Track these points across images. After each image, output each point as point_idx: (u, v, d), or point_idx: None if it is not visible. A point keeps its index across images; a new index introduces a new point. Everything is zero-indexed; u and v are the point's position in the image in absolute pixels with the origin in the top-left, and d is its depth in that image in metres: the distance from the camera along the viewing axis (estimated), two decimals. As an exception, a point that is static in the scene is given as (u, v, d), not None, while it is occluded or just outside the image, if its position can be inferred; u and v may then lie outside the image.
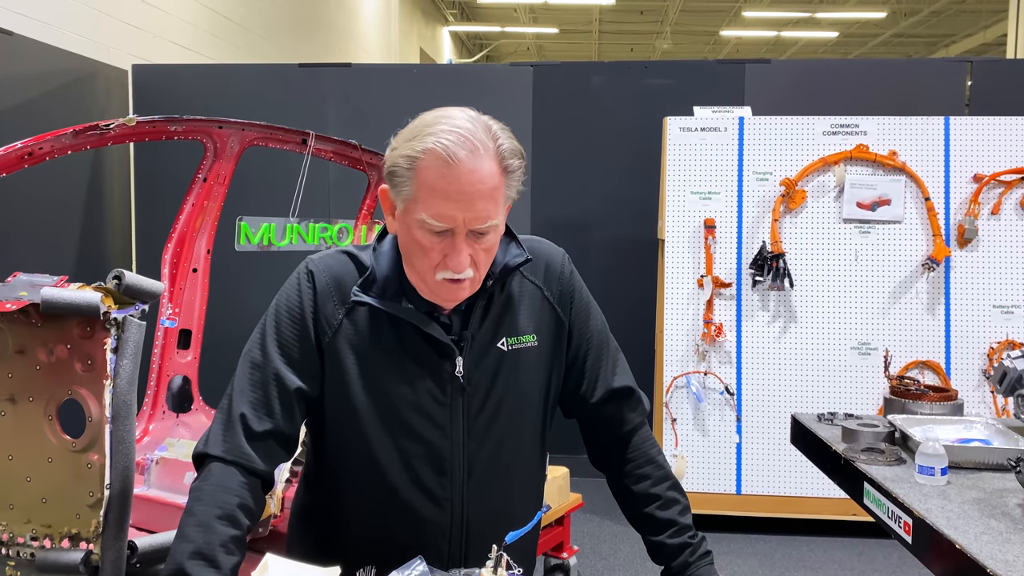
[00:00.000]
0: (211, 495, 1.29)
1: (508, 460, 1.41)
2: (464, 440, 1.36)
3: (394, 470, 1.35)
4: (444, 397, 1.35)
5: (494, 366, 1.38)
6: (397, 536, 1.36)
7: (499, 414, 1.39)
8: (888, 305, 4.05)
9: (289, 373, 1.34)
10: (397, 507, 1.35)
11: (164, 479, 2.65)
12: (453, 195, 1.23)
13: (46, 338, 1.64)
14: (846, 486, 2.20)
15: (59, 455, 1.66)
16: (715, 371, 4.13)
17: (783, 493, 4.10)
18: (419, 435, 1.35)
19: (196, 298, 3.27)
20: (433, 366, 1.35)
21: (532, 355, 1.42)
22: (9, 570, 1.72)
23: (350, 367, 1.34)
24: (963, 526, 1.67)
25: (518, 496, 1.44)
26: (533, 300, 1.43)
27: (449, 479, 1.35)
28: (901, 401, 2.43)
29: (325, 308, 1.35)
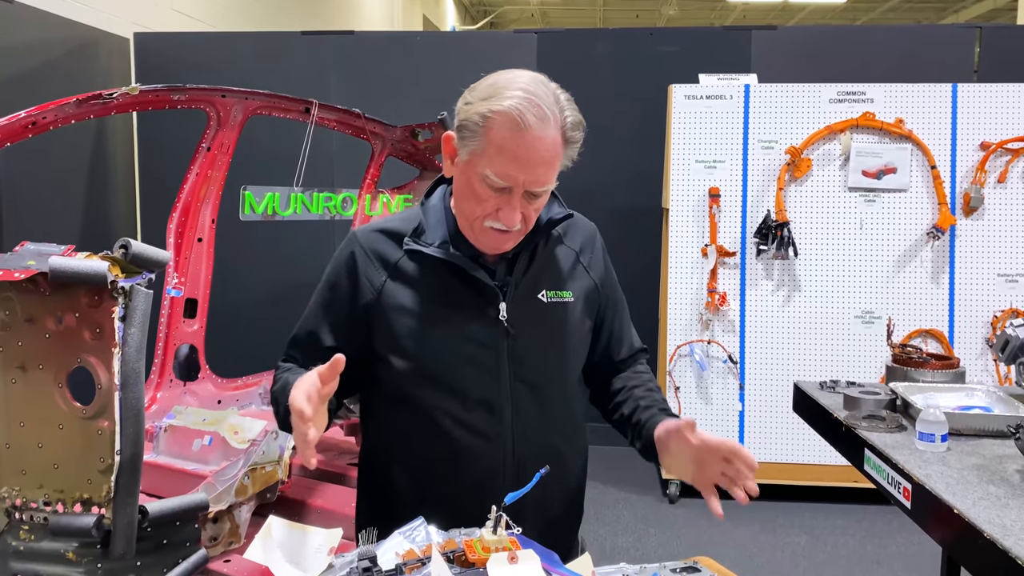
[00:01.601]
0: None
1: (553, 403, 1.49)
2: (510, 382, 1.44)
3: (445, 414, 1.42)
4: (490, 341, 1.43)
5: (536, 315, 1.47)
6: (455, 477, 1.43)
7: (542, 360, 1.47)
8: (892, 274, 4.05)
9: (330, 340, 1.45)
10: (451, 449, 1.42)
11: (172, 446, 2.68)
12: (519, 158, 1.32)
13: (54, 307, 1.66)
14: (847, 453, 2.22)
15: (70, 422, 1.68)
16: (718, 340, 4.14)
17: (785, 460, 4.13)
18: (467, 378, 1.42)
19: (201, 267, 3.28)
20: (479, 311, 1.43)
21: (568, 310, 1.51)
22: (23, 534, 1.75)
23: (397, 322, 1.42)
24: (962, 491, 1.69)
25: (563, 436, 1.52)
26: (569, 262, 1.55)
27: (498, 418, 1.43)
28: (903, 369, 2.44)
29: (367, 272, 1.45)
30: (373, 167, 3.79)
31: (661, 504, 4.22)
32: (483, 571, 1.07)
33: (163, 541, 1.79)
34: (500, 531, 1.19)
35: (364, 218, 3.75)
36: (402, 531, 1.26)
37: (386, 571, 1.13)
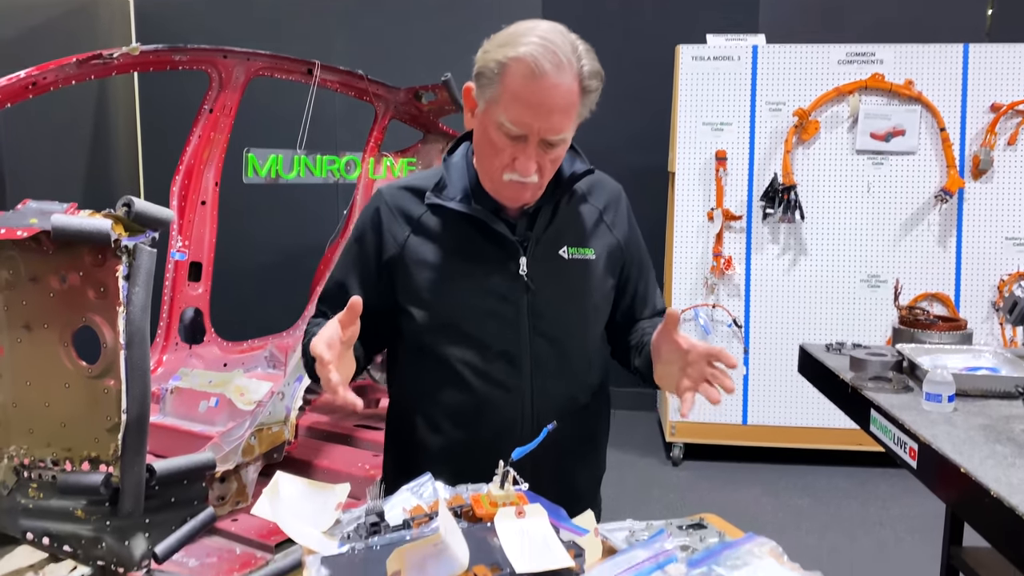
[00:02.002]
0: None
1: (573, 357, 1.50)
2: (530, 335, 1.45)
3: (465, 365, 1.44)
4: (510, 295, 1.44)
5: (556, 271, 1.47)
6: (475, 428, 1.45)
7: (560, 315, 1.48)
8: (899, 237, 4.02)
9: (357, 293, 1.44)
10: (471, 400, 1.44)
11: (179, 408, 2.69)
12: (533, 105, 1.31)
13: (58, 266, 1.65)
14: (853, 414, 2.22)
15: (76, 381, 1.68)
16: (723, 304, 4.13)
17: (788, 424, 4.14)
18: (487, 331, 1.44)
19: (205, 231, 3.27)
20: (499, 266, 1.44)
21: (589, 267, 1.51)
22: (32, 492, 1.76)
23: (419, 275, 1.44)
24: (968, 451, 1.69)
25: (583, 391, 1.52)
26: (592, 220, 1.55)
27: (517, 370, 1.44)
28: (910, 331, 2.43)
29: (391, 227, 1.47)
30: (376, 130, 3.76)
31: (664, 466, 4.24)
32: (490, 525, 1.07)
33: (171, 499, 1.80)
34: (507, 486, 1.19)
35: (368, 182, 3.72)
36: (409, 487, 1.26)
37: (393, 526, 1.13)
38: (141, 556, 1.75)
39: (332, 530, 1.14)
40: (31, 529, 1.79)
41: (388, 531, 1.12)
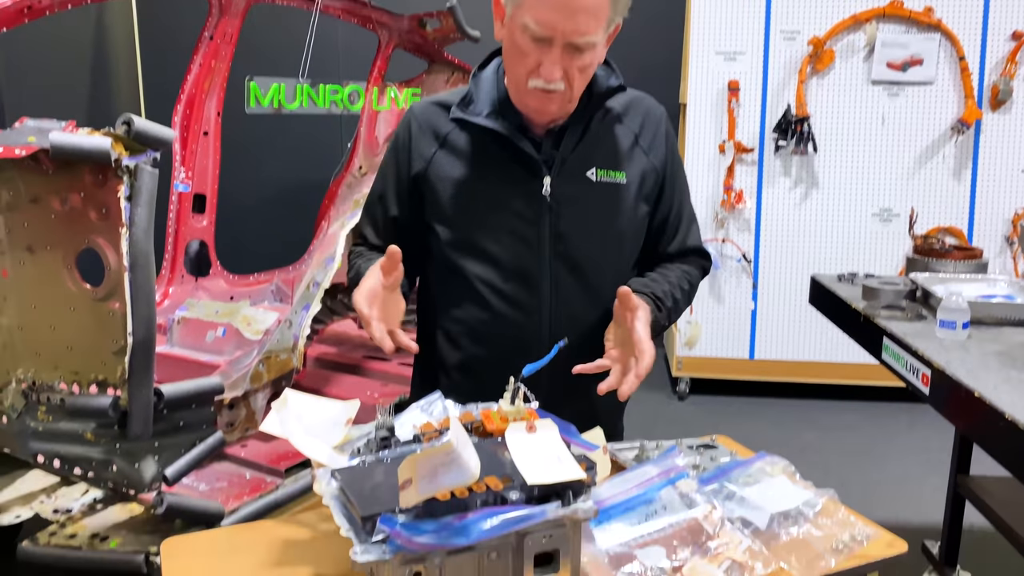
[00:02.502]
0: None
1: (596, 283, 1.47)
2: (550, 258, 1.43)
3: (484, 283, 1.44)
4: (531, 215, 1.42)
5: (582, 193, 1.44)
6: (492, 346, 1.46)
7: (584, 239, 1.45)
8: (913, 170, 3.96)
9: (395, 208, 1.51)
10: (489, 317, 1.45)
11: (186, 338, 2.68)
12: (558, 5, 1.27)
13: (59, 186, 1.62)
14: (865, 343, 2.19)
15: (81, 304, 1.67)
16: (733, 239, 4.09)
17: (796, 358, 4.14)
18: (506, 250, 1.43)
19: (209, 162, 3.22)
20: (522, 185, 1.42)
21: (619, 192, 1.47)
22: (41, 415, 1.76)
23: (443, 192, 1.44)
24: (983, 376, 1.67)
25: (600, 312, 1.48)
26: (626, 143, 1.49)
27: (535, 291, 1.44)
28: (924, 260, 2.39)
29: (419, 144, 1.47)
30: (380, 59, 3.67)
31: (671, 401, 4.26)
32: (501, 440, 1.05)
33: (179, 423, 1.80)
34: (518, 402, 1.18)
35: (371, 114, 3.65)
36: (419, 404, 1.25)
37: (404, 441, 1.13)
38: (151, 478, 1.76)
39: (342, 446, 1.13)
40: (42, 452, 1.79)
41: (398, 446, 1.11)
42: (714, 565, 1.04)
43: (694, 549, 1.07)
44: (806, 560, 1.07)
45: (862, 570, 1.09)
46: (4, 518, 1.86)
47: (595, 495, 1.02)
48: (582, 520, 0.98)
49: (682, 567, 1.04)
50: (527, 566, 0.96)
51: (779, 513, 1.15)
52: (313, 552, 1.10)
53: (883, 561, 1.09)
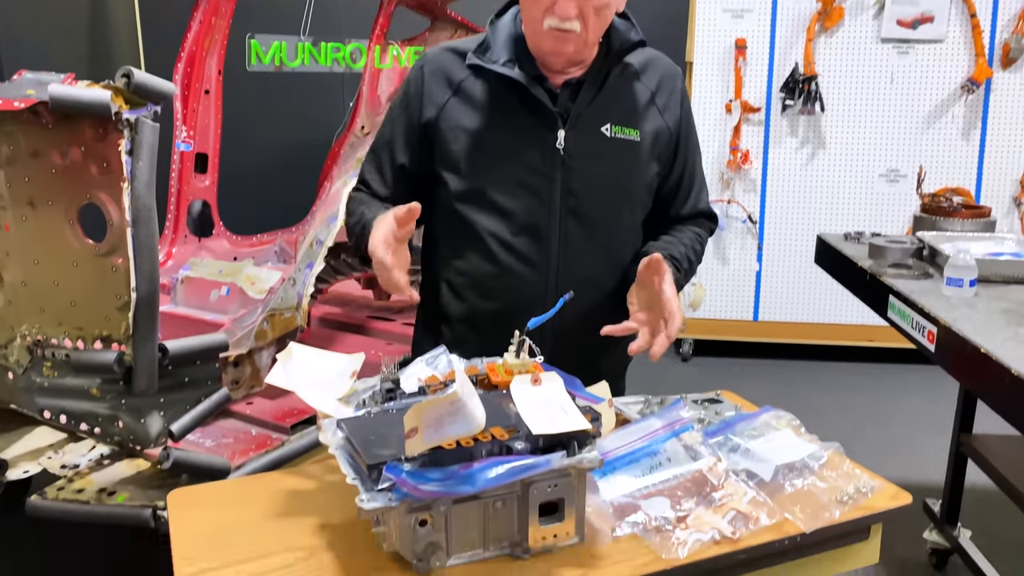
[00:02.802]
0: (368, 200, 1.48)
1: (605, 240, 1.46)
2: (561, 213, 1.41)
3: (492, 236, 1.42)
4: (544, 168, 1.40)
5: (596, 148, 1.42)
6: (499, 301, 1.45)
7: (595, 195, 1.43)
8: (921, 130, 3.91)
9: (403, 156, 1.47)
10: (496, 271, 1.43)
11: (190, 297, 2.68)
12: None
13: (59, 140, 1.60)
14: (871, 302, 2.18)
15: (84, 259, 1.66)
16: (738, 199, 4.06)
17: (800, 320, 4.13)
18: (516, 202, 1.41)
19: (210, 120, 3.19)
20: (537, 137, 1.40)
21: (633, 150, 1.45)
22: (46, 370, 1.77)
23: (455, 141, 1.41)
24: (989, 333, 1.66)
25: (613, 276, 1.48)
26: (643, 101, 1.47)
27: (544, 246, 1.42)
28: (932, 219, 2.37)
29: (432, 89, 1.43)
30: (382, 16, 3.61)
31: (674, 362, 4.27)
32: (506, 392, 1.05)
33: (185, 379, 1.81)
34: (523, 356, 1.17)
35: (374, 72, 3.61)
36: (423, 359, 1.25)
37: (409, 393, 1.12)
38: (157, 434, 1.77)
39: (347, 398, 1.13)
40: (48, 407, 1.80)
41: (403, 397, 1.11)
42: (718, 515, 1.04)
43: (698, 500, 1.07)
44: (810, 511, 1.07)
45: (866, 521, 1.10)
46: (12, 473, 1.87)
47: (600, 447, 1.02)
48: (587, 469, 0.98)
49: (686, 517, 1.04)
50: (532, 515, 0.97)
51: (784, 465, 1.15)
52: (319, 502, 1.11)
53: (887, 512, 1.09)
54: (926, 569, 2.50)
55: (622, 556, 0.97)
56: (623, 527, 1.02)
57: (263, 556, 0.97)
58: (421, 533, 0.92)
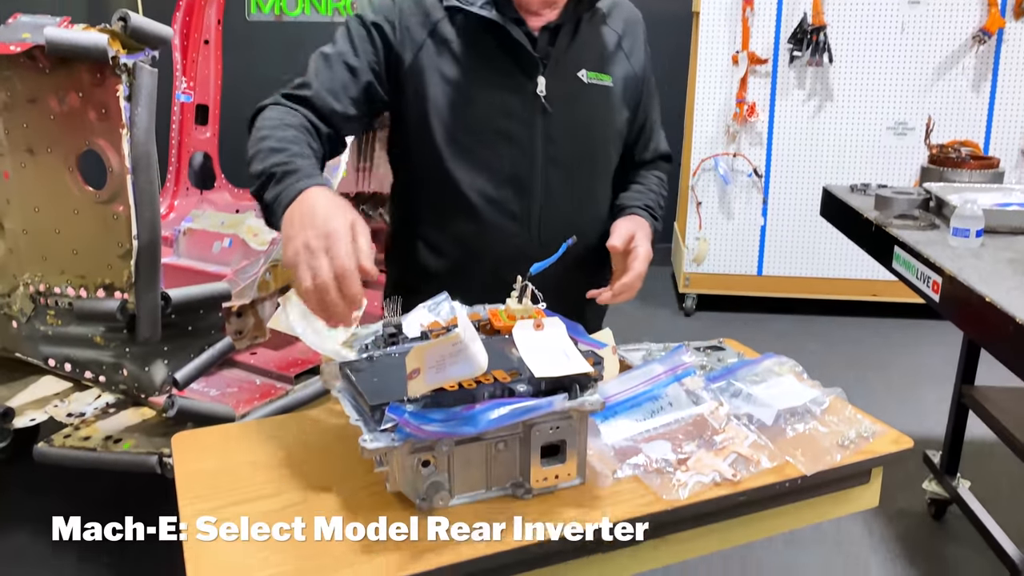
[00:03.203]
0: (272, 124, 1.23)
1: (584, 189, 1.44)
2: (542, 162, 1.38)
3: (473, 189, 1.36)
4: (525, 115, 1.36)
5: (574, 94, 1.39)
6: (480, 255, 1.40)
7: (577, 142, 1.40)
8: (931, 82, 3.86)
9: (365, 69, 1.32)
10: (478, 226, 1.38)
11: (192, 249, 2.68)
12: None
13: (56, 85, 1.58)
14: (875, 253, 2.17)
15: (85, 207, 1.65)
16: (744, 153, 4.03)
17: (804, 275, 4.13)
18: (499, 153, 1.36)
19: (210, 71, 3.15)
20: (517, 84, 1.36)
21: (607, 95, 1.43)
22: (50, 319, 1.77)
23: (431, 87, 1.34)
24: (995, 282, 1.65)
25: (593, 225, 1.46)
26: (611, 45, 1.45)
27: (528, 198, 1.38)
28: (939, 170, 2.35)
29: (410, 24, 1.34)
30: (384, -36, 3.55)
31: (677, 317, 4.27)
32: (508, 337, 1.05)
33: (188, 328, 1.81)
34: (526, 301, 1.17)
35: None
36: (426, 305, 1.24)
37: (411, 337, 1.12)
38: (162, 382, 1.78)
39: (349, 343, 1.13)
40: (52, 355, 1.81)
41: (406, 342, 1.11)
42: (719, 458, 1.05)
43: (700, 443, 1.08)
44: (812, 455, 1.07)
45: (867, 465, 1.10)
46: (19, 421, 1.89)
47: (601, 391, 1.02)
48: (588, 412, 0.98)
49: (687, 460, 1.04)
50: (534, 456, 0.97)
51: (786, 410, 1.15)
52: (323, 444, 1.11)
53: (888, 456, 1.10)
54: (924, 519, 2.53)
55: (623, 497, 0.98)
56: (624, 469, 1.03)
57: (267, 496, 0.98)
58: (424, 473, 0.93)
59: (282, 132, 1.20)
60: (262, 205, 1.15)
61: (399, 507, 0.95)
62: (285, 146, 1.17)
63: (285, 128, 1.21)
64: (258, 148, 1.18)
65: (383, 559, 0.86)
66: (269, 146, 1.17)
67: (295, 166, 1.13)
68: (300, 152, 1.17)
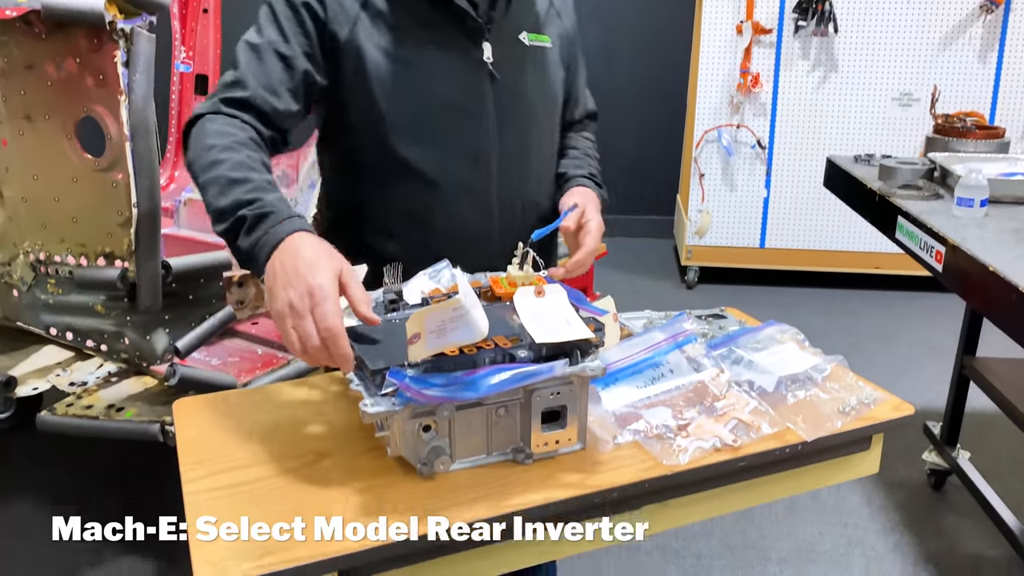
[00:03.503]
0: (221, 144, 1.12)
1: (536, 156, 1.40)
2: (495, 131, 1.32)
3: (428, 165, 1.29)
4: (475, 85, 1.30)
5: (519, 58, 1.34)
6: (437, 235, 1.32)
7: (526, 109, 1.36)
8: (937, 52, 3.82)
9: (299, 56, 1.22)
10: (435, 204, 1.31)
11: (193, 219, 2.67)
12: None
13: (53, 51, 1.57)
14: (879, 224, 2.16)
15: (84, 175, 1.64)
16: (748, 124, 4.00)
17: (807, 247, 4.11)
18: (451, 126, 1.29)
19: (209, 40, 3.12)
20: (462, 52, 1.30)
21: (548, 57, 1.39)
22: (51, 287, 1.77)
23: (373, 63, 1.25)
24: (998, 252, 1.65)
25: (546, 192, 1.43)
26: (543, 6, 1.41)
27: (484, 169, 1.33)
28: (944, 139, 2.33)
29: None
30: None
31: (678, 289, 4.27)
32: (509, 304, 1.04)
33: (189, 297, 1.81)
34: (527, 268, 1.16)
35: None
36: (426, 272, 1.24)
37: (411, 304, 1.12)
38: (163, 350, 1.78)
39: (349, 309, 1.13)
40: (54, 324, 1.81)
41: (406, 308, 1.11)
42: (720, 424, 1.05)
43: (700, 409, 1.08)
44: (812, 421, 1.07)
45: (868, 431, 1.10)
46: (21, 390, 1.89)
47: (602, 358, 1.02)
48: (589, 377, 0.98)
49: (687, 425, 1.04)
50: (534, 421, 0.97)
51: (787, 377, 1.15)
52: (324, 410, 1.11)
53: (889, 422, 1.10)
54: (924, 489, 2.54)
55: (623, 462, 0.98)
56: (624, 435, 1.03)
57: (269, 461, 0.98)
58: (425, 438, 0.93)
59: (236, 155, 1.10)
60: (234, 250, 1.07)
61: (401, 472, 0.95)
62: (245, 175, 1.08)
63: (237, 148, 1.12)
64: (214, 176, 1.09)
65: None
66: (228, 177, 1.08)
67: (266, 206, 1.04)
68: (263, 183, 1.08)
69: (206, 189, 1.09)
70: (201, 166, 1.10)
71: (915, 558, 2.24)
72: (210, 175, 1.09)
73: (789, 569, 2.20)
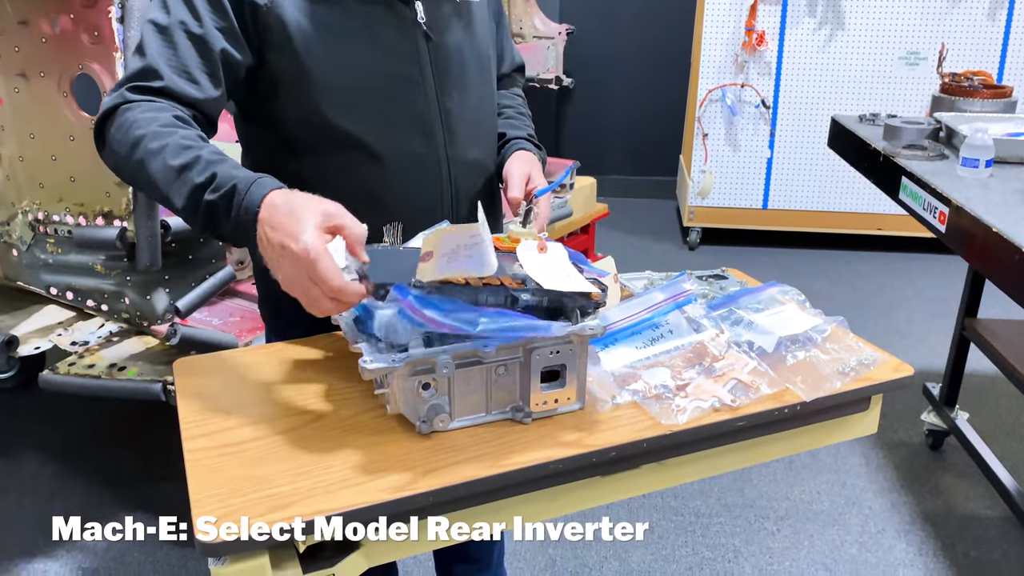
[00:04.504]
0: (147, 124, 1.03)
1: (477, 116, 1.34)
2: (438, 95, 1.26)
3: (375, 139, 1.22)
4: (409, 48, 1.22)
5: (451, 16, 1.27)
6: (388, 212, 1.18)
7: (464, 70, 1.30)
8: (946, 10, 3.75)
9: (213, 34, 1.11)
10: (383, 179, 1.23)
11: (193, 179, 2.65)
12: None
13: (47, 7, 1.55)
14: (883, 184, 2.15)
15: (80, 133, 1.63)
16: (752, 83, 3.95)
17: (810, 208, 4.09)
18: (393, 95, 1.22)
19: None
20: (393, 14, 1.21)
21: (478, 12, 1.33)
22: (50, 247, 1.76)
23: (299, 33, 1.15)
24: (1002, 213, 1.64)
25: (490, 152, 1.39)
26: None
27: (429, 138, 1.25)
28: (951, 99, 2.30)
29: None
30: None
31: (681, 250, 4.26)
32: (512, 255, 1.04)
33: (189, 257, 1.80)
34: (529, 225, 1.16)
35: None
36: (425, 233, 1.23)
37: (415, 248, 1.11)
38: (163, 310, 1.78)
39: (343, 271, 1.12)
40: (53, 284, 1.81)
41: (410, 252, 1.10)
42: (719, 384, 1.05)
43: (699, 370, 1.08)
44: (812, 381, 1.07)
45: (867, 392, 1.10)
46: (23, 349, 1.90)
47: (602, 319, 1.02)
48: (589, 336, 0.97)
49: (686, 385, 1.04)
50: (533, 380, 0.97)
51: (787, 338, 1.15)
52: (325, 369, 1.11)
53: (889, 383, 1.10)
54: (922, 450, 2.56)
55: (622, 421, 0.98)
56: (623, 395, 1.03)
57: (269, 420, 0.99)
58: (424, 396, 0.93)
59: (171, 139, 1.01)
60: (220, 239, 1.03)
61: (400, 429, 0.95)
62: (191, 157, 1.00)
63: (173, 128, 1.03)
64: (158, 170, 1.01)
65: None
66: (173, 166, 1.00)
67: (226, 180, 0.98)
68: (210, 155, 1.01)
69: (155, 187, 1.03)
70: (136, 163, 1.03)
71: (912, 517, 2.26)
72: (153, 171, 1.02)
73: (787, 528, 2.22)
